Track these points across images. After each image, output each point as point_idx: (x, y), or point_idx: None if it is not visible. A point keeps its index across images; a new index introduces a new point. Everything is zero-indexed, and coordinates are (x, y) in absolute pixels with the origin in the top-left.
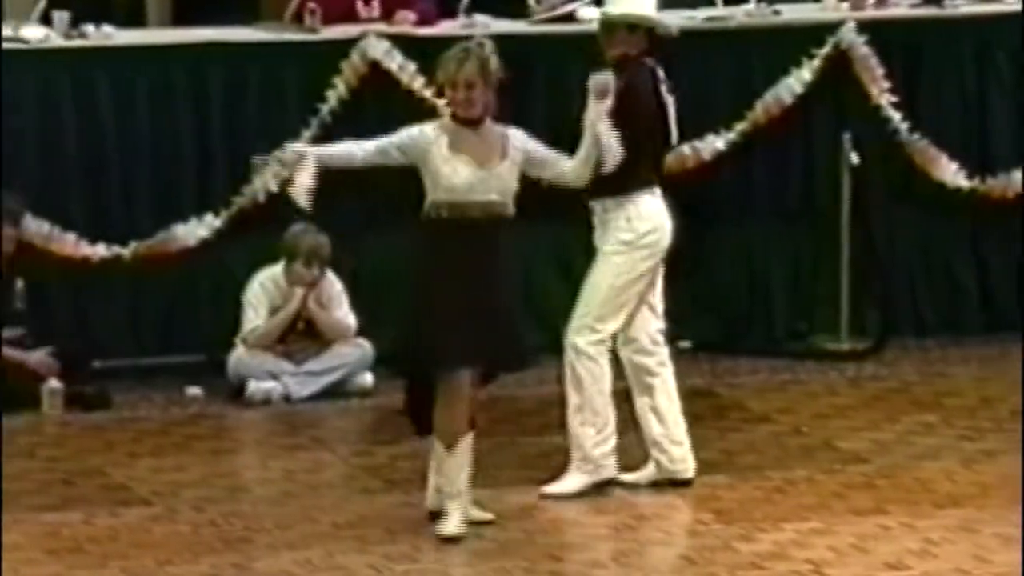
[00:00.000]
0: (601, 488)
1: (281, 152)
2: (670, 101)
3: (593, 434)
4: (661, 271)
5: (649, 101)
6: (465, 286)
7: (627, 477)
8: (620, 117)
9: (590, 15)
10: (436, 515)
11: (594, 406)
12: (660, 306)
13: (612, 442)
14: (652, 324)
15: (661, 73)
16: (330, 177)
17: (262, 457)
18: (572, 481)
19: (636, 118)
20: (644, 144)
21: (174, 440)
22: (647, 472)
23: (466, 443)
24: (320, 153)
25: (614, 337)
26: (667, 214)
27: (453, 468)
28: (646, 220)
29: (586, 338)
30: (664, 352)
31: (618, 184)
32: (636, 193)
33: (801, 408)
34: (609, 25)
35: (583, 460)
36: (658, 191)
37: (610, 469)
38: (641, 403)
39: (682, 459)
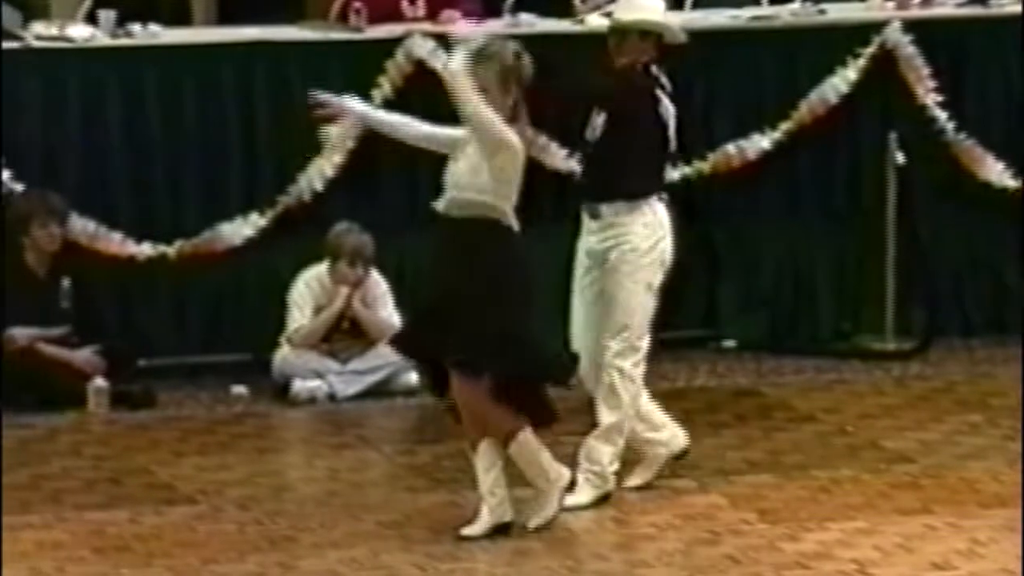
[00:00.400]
0: (645, 488)
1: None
2: (671, 110)
3: (611, 452)
4: None
5: (649, 109)
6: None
7: (632, 482)
8: (623, 123)
9: (599, 22)
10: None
11: (622, 428)
12: None
13: (618, 462)
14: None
15: (665, 81)
16: (374, 177)
17: (307, 456)
18: (585, 494)
19: (636, 124)
20: (649, 151)
21: (219, 439)
22: (645, 470)
23: (483, 448)
24: (367, 115)
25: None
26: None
27: (478, 470)
28: (660, 226)
29: (631, 360)
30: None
31: (633, 188)
32: (651, 198)
33: (846, 408)
34: (621, 32)
35: (598, 475)
36: (665, 198)
37: (612, 481)
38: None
39: (672, 436)
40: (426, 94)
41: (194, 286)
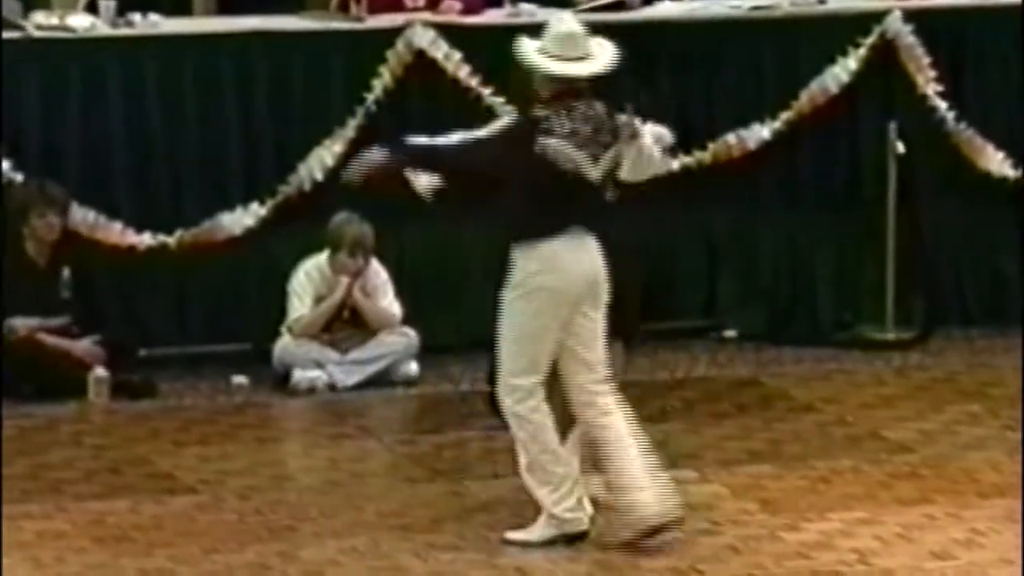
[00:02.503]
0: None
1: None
2: (559, 147)
3: (549, 492)
4: (591, 322)
5: (525, 156)
6: None
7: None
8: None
9: None
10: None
11: (542, 464)
12: (597, 359)
13: (574, 496)
14: (582, 377)
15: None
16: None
17: (307, 446)
18: (539, 531)
19: (517, 173)
20: (539, 190)
21: (220, 429)
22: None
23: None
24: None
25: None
26: (578, 257)
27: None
28: (535, 260)
29: (511, 397)
30: (606, 400)
31: (517, 230)
32: (534, 240)
33: (846, 398)
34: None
35: (549, 516)
36: (569, 235)
37: (580, 523)
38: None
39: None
40: (427, 84)
41: (194, 276)
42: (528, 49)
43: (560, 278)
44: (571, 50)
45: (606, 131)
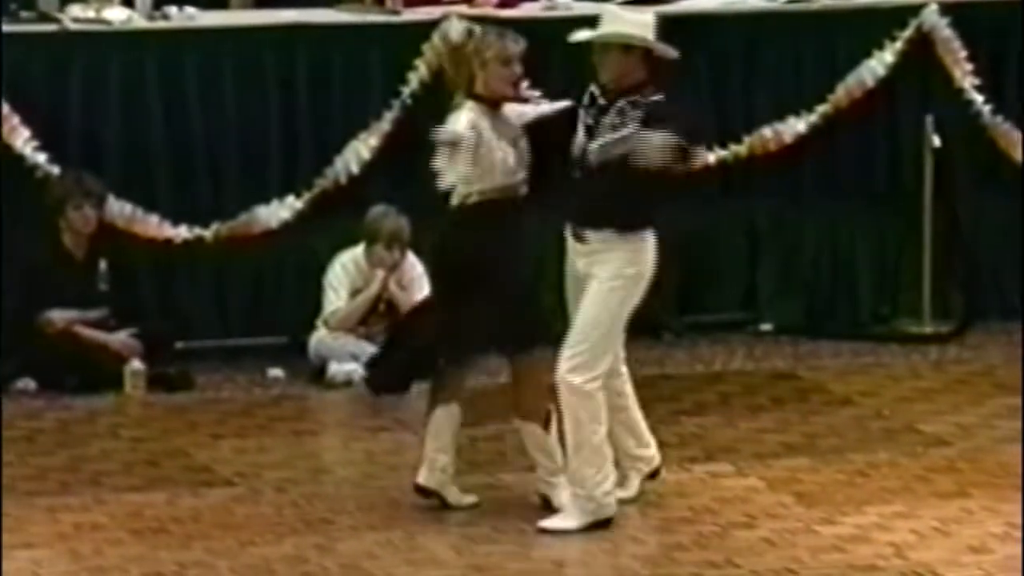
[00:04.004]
0: (679, 473)
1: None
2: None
3: (594, 474)
4: None
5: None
6: (519, 267)
7: (620, 493)
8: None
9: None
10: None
11: (594, 445)
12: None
13: (611, 480)
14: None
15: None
16: (411, 159)
17: (344, 439)
18: (575, 517)
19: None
20: (648, 181)
21: (257, 421)
22: (631, 490)
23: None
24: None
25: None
26: (654, 249)
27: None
28: (647, 258)
29: (583, 376)
30: (625, 373)
31: (626, 220)
32: (642, 231)
33: (884, 391)
34: (601, 48)
35: (587, 499)
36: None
37: (611, 508)
38: (613, 423)
39: (653, 455)
40: None
41: (231, 269)
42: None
43: (648, 269)
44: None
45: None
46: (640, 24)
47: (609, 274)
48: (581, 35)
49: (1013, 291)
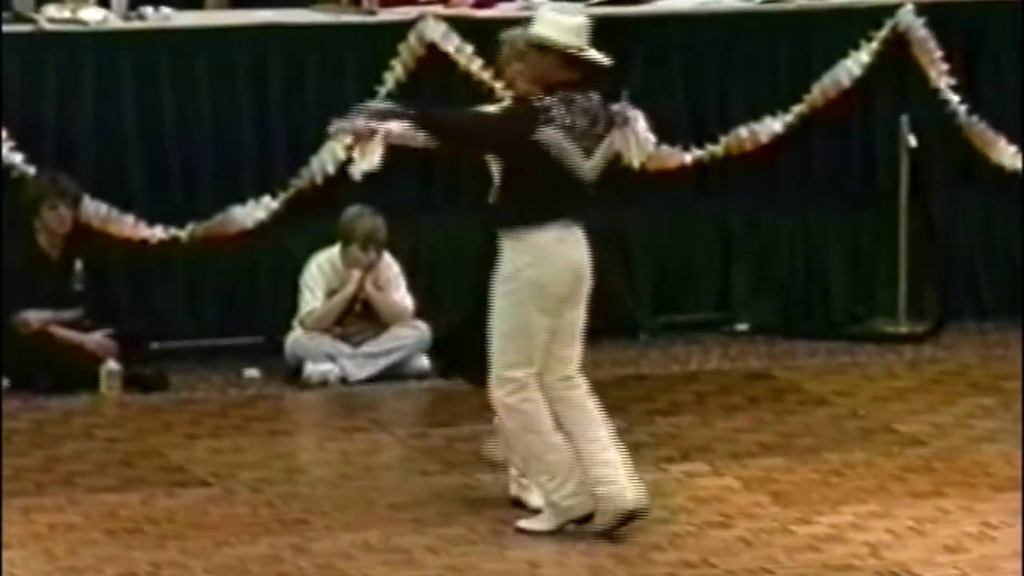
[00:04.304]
0: (654, 472)
1: (358, 117)
2: (558, 138)
3: (547, 481)
4: (572, 317)
5: (528, 136)
6: None
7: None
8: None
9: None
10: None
11: (537, 454)
12: (572, 355)
13: (573, 481)
14: (556, 373)
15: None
16: (387, 159)
17: (319, 439)
18: (546, 520)
19: (517, 157)
20: (531, 179)
21: (232, 422)
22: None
23: None
24: (395, 132)
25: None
26: (566, 251)
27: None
28: (524, 252)
29: (503, 390)
30: (578, 379)
31: (505, 219)
32: (523, 230)
33: (859, 391)
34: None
35: (550, 505)
36: (558, 227)
37: (584, 505)
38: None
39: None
40: (439, 77)
41: (207, 269)
42: (552, 32)
43: (548, 271)
44: (586, 40)
45: (601, 124)
46: (562, 27)
47: (501, 277)
48: (600, 57)
49: (988, 291)
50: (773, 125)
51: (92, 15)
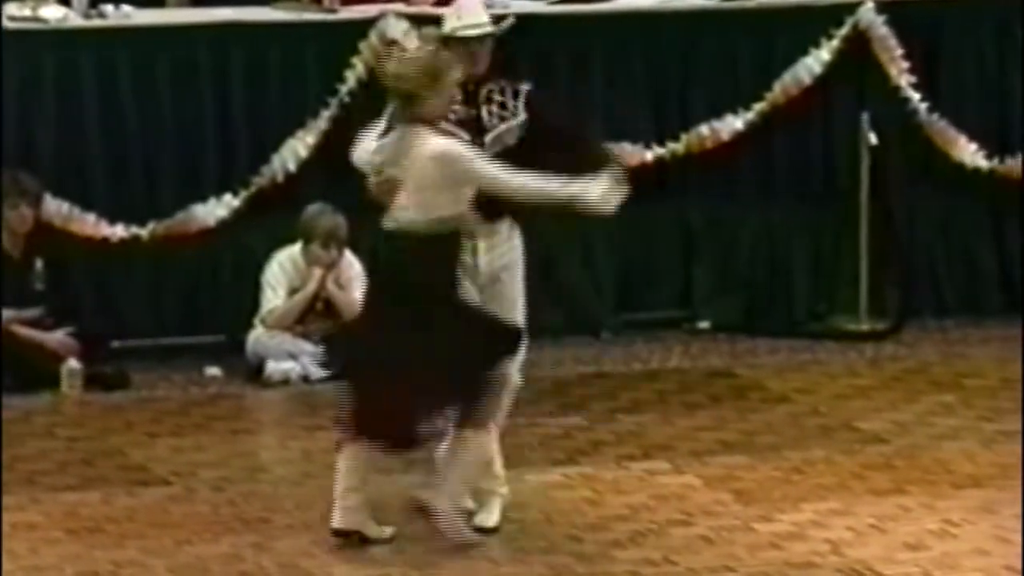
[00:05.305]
0: (615, 470)
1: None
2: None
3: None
4: None
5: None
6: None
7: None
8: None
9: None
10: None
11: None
12: None
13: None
14: None
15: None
16: (348, 158)
17: (281, 437)
18: (495, 513)
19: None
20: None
21: (193, 420)
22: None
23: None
24: None
25: None
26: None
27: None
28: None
29: (516, 368)
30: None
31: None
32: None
33: (820, 389)
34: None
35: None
36: None
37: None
38: None
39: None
40: None
41: (168, 267)
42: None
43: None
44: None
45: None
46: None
47: (518, 263)
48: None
49: (948, 289)
50: (735, 123)
51: (52, 13)
